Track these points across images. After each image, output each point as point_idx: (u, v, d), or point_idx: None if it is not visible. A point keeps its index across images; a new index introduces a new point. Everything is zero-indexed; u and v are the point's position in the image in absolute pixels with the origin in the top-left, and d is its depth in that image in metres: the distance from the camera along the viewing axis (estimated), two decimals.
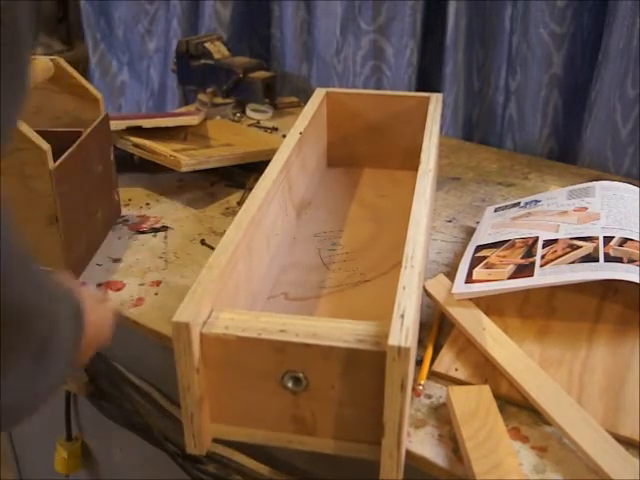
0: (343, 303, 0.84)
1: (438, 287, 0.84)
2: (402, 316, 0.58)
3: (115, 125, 1.12)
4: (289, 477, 0.80)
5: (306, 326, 0.60)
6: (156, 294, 0.88)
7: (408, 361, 0.55)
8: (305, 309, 0.82)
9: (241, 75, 1.42)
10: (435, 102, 1.08)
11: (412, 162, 1.12)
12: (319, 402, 0.60)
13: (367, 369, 0.58)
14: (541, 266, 0.81)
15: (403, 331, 0.56)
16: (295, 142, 0.93)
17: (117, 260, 0.95)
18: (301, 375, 0.59)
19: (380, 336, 0.58)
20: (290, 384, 0.60)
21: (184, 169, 1.08)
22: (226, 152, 1.16)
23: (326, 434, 0.62)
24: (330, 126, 1.16)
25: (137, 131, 1.16)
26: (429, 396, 0.71)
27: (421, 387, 0.72)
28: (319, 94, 1.13)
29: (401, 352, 0.55)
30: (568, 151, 1.28)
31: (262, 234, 0.80)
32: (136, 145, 1.14)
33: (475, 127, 1.39)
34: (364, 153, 1.17)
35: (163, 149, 1.11)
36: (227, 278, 0.67)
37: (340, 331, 0.59)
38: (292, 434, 0.63)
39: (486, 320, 0.78)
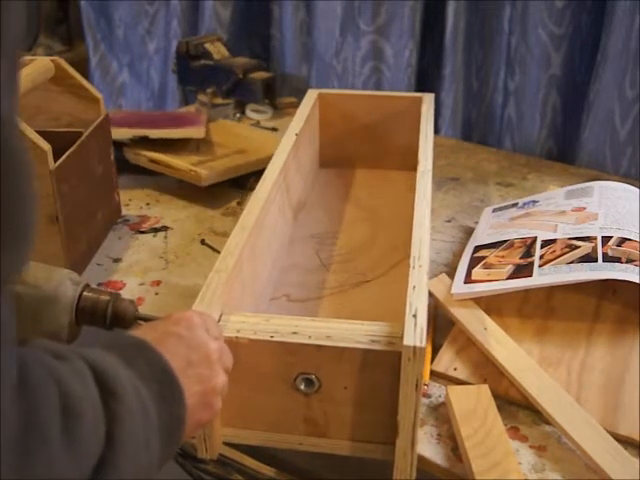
0: (345, 304, 0.84)
1: (440, 286, 0.84)
2: (415, 316, 0.58)
3: (119, 134, 1.11)
4: (290, 476, 0.80)
5: (318, 328, 0.60)
6: (156, 294, 0.88)
7: (423, 361, 0.56)
8: (308, 310, 0.83)
9: (241, 75, 1.42)
10: (428, 102, 1.08)
11: (405, 162, 1.13)
12: (331, 403, 0.61)
13: (381, 369, 0.58)
14: (540, 266, 0.81)
15: (417, 331, 0.57)
16: (292, 144, 0.93)
17: (117, 260, 0.95)
18: (313, 377, 0.59)
19: (393, 336, 0.58)
20: (302, 386, 0.60)
21: (204, 183, 1.07)
22: (241, 161, 1.15)
23: (338, 435, 0.62)
24: (323, 127, 1.16)
25: (145, 139, 1.15)
26: (428, 396, 0.72)
27: (426, 387, 0.72)
28: (312, 95, 1.13)
29: (416, 352, 0.55)
30: (567, 151, 1.28)
31: (264, 236, 0.80)
32: (152, 161, 1.13)
33: (474, 127, 1.39)
34: (357, 154, 1.17)
35: (181, 164, 1.10)
36: (234, 281, 0.67)
37: (353, 332, 0.59)
38: (304, 436, 0.63)
39: (488, 320, 0.78)
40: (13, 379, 0.35)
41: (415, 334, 0.56)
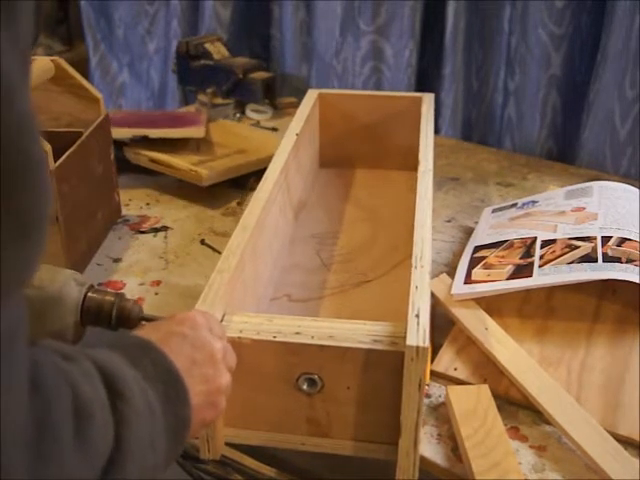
0: (346, 304, 0.84)
1: (440, 286, 0.84)
2: (417, 316, 0.59)
3: (119, 134, 1.11)
4: (290, 477, 0.80)
5: (321, 328, 0.60)
6: (156, 294, 0.88)
7: (426, 360, 0.56)
8: (309, 310, 0.83)
9: (241, 75, 1.42)
10: (428, 102, 1.08)
11: (405, 162, 1.13)
12: (334, 403, 0.61)
13: (383, 369, 0.58)
14: (540, 266, 0.81)
15: (420, 331, 0.57)
16: (292, 144, 0.93)
17: (117, 260, 0.95)
18: (316, 377, 0.60)
19: (396, 336, 0.58)
20: (305, 386, 0.60)
21: (205, 183, 1.07)
22: (242, 161, 1.15)
23: (341, 435, 0.62)
24: (323, 127, 1.16)
25: (145, 139, 1.15)
26: (429, 396, 0.72)
27: (426, 387, 0.72)
28: (312, 95, 1.13)
29: (419, 352, 0.55)
30: (567, 151, 1.28)
31: (266, 236, 0.80)
32: (153, 160, 1.13)
33: (474, 127, 1.39)
34: (357, 154, 1.17)
35: (182, 163, 1.10)
36: (236, 281, 0.67)
37: (355, 332, 0.59)
38: (306, 436, 0.63)
39: (489, 320, 0.78)
40: (26, 380, 0.35)
41: (418, 334, 0.56)
